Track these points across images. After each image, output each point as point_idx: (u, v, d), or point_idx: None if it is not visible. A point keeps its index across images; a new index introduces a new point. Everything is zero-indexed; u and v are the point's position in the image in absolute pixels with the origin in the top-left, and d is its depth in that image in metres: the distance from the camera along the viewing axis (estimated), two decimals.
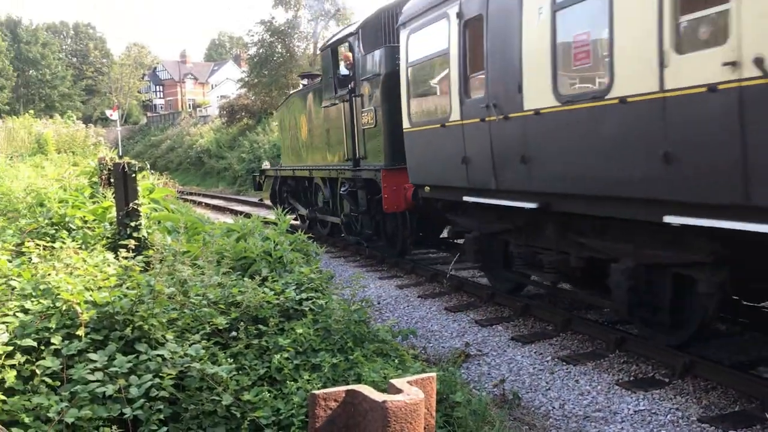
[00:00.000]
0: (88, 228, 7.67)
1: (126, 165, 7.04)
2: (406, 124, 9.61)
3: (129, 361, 4.00)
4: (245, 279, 5.83)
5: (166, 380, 3.88)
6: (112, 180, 8.07)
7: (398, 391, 2.07)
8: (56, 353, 4.06)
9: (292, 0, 43.71)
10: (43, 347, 4.10)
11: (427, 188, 9.38)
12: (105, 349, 4.14)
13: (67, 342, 4.15)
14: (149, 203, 9.09)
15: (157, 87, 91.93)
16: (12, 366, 3.86)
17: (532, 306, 8.08)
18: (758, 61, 4.31)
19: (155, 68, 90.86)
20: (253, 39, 44.91)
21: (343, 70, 12.23)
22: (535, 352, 6.83)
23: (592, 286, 7.26)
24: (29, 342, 4.03)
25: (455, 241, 11.65)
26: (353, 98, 11.59)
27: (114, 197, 7.40)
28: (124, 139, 59.52)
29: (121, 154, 33.72)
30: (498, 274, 8.91)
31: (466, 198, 8.31)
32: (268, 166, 18.72)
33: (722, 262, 5.33)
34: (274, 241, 7.68)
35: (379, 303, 9.21)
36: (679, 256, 5.71)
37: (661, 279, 6.06)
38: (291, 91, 18.65)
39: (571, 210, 6.58)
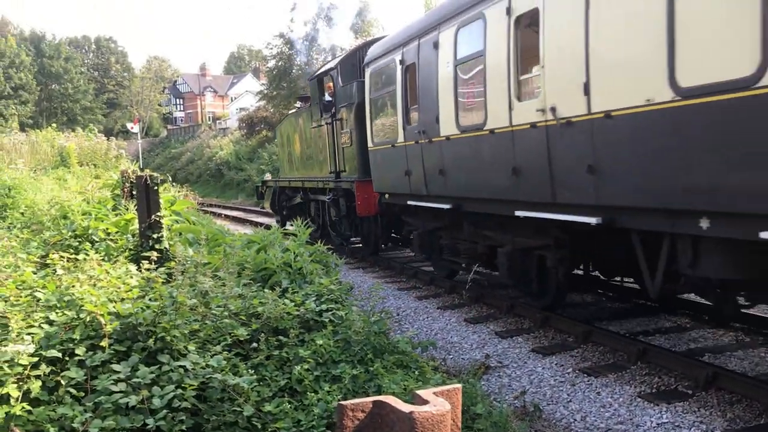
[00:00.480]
0: (111, 240, 7.77)
1: (148, 177, 7.12)
2: (370, 144, 11.92)
3: (152, 372, 4.04)
4: (266, 290, 5.86)
5: (188, 391, 3.91)
6: (134, 192, 8.16)
7: (424, 401, 2.08)
8: (80, 364, 4.11)
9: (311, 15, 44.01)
10: (67, 358, 4.15)
11: (386, 195, 11.66)
12: (128, 360, 4.18)
13: (91, 353, 4.20)
14: (171, 215, 9.18)
15: (178, 100, 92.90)
16: (37, 377, 3.91)
17: (552, 317, 8.04)
18: (553, 110, 6.64)
19: (175, 81, 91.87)
20: (272, 52, 45.29)
21: (327, 98, 14.01)
22: (555, 364, 6.79)
23: (494, 267, 9.24)
24: (54, 353, 4.08)
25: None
26: (334, 121, 13.66)
27: (136, 209, 7.48)
28: (145, 152, 60.17)
29: (141, 166, 34.05)
30: (437, 262, 11.11)
31: (409, 202, 10.64)
32: (269, 178, 20.84)
33: (562, 245, 7.53)
34: (294, 253, 7.72)
35: (398, 314, 9.20)
36: (537, 241, 7.87)
37: (530, 258, 8.25)
38: (289, 112, 20.97)
39: (472, 209, 8.87)
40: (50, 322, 4.45)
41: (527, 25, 7.22)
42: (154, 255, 6.26)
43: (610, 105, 5.84)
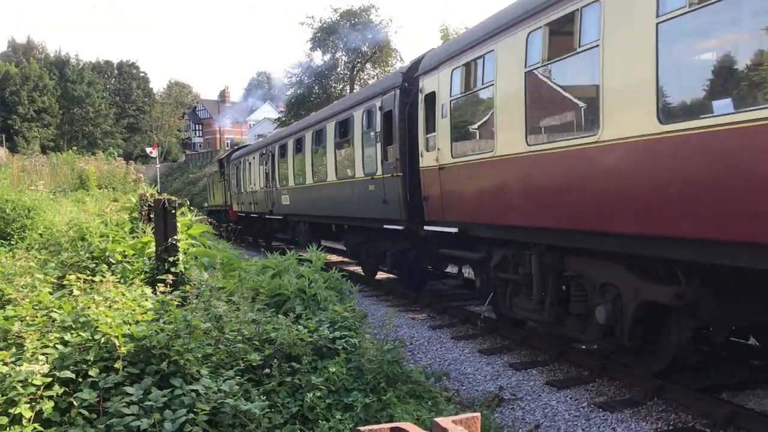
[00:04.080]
0: (128, 262, 7.81)
1: (166, 201, 7.17)
2: (232, 191, 29.44)
3: (164, 396, 4.03)
4: (279, 316, 5.85)
5: (200, 416, 3.89)
6: (151, 216, 8.22)
7: (443, 430, 2.05)
8: (93, 385, 4.11)
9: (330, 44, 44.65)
10: (80, 379, 4.15)
11: (238, 212, 28.15)
12: (141, 382, 4.18)
13: (104, 375, 4.21)
14: (187, 239, 9.22)
15: (196, 125, 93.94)
16: (50, 397, 3.92)
17: (567, 351, 7.95)
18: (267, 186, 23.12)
19: (195, 107, 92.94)
20: (291, 80, 45.90)
21: (223, 168, 31.36)
22: (570, 398, 6.69)
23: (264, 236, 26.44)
24: (68, 374, 4.09)
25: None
26: (225, 180, 30.50)
27: (153, 232, 7.52)
28: (163, 176, 60.71)
29: (159, 190, 34.46)
30: (256, 239, 27.74)
31: (240, 213, 28.49)
32: (207, 205, 37.62)
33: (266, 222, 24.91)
34: (309, 279, 7.71)
35: (411, 344, 9.14)
36: (276, 224, 23.89)
37: (262, 228, 26.49)
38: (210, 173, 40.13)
39: (255, 216, 25.71)
40: (65, 343, 4.47)
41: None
42: (170, 278, 6.28)
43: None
